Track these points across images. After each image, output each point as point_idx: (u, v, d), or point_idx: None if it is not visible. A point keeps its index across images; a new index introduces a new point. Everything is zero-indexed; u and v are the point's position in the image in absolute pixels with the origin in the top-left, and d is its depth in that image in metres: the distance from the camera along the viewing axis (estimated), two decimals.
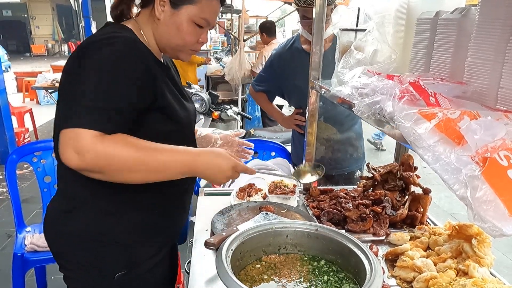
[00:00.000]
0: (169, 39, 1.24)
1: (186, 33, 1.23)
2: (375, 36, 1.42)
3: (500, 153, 0.66)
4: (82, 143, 0.99)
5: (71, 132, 1.00)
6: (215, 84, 6.95)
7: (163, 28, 1.23)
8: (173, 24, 1.21)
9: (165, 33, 1.24)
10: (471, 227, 1.34)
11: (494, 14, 0.93)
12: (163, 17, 1.21)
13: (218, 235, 1.35)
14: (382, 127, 1.00)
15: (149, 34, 1.26)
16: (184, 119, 1.31)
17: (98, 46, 1.09)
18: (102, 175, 1.06)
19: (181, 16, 1.21)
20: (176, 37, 1.24)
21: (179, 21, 1.21)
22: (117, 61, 1.08)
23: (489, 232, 0.61)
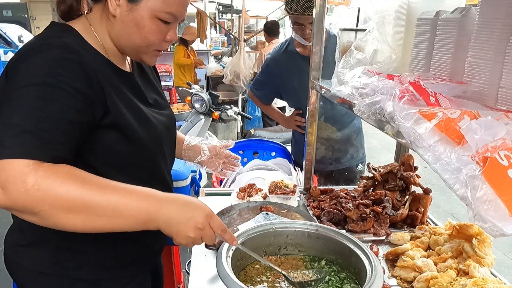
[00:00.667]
0: (129, 39, 1.04)
1: (149, 32, 1.03)
2: (375, 36, 1.42)
3: (501, 153, 0.66)
4: (9, 174, 0.79)
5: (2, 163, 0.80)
6: (215, 84, 6.95)
7: (120, 26, 1.03)
8: (132, 21, 1.01)
9: (123, 32, 1.03)
10: (472, 227, 1.33)
11: (494, 14, 0.93)
12: (119, 13, 1.01)
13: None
14: (382, 127, 1.00)
15: (103, 34, 1.06)
16: (146, 139, 1.09)
17: (25, 58, 0.92)
18: (35, 217, 0.84)
19: (141, 11, 1.00)
20: (137, 36, 1.03)
21: (139, 17, 1.01)
22: (51, 73, 0.89)
23: (489, 232, 0.61)
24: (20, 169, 0.80)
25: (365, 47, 1.47)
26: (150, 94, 1.21)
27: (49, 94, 0.88)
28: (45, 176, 0.82)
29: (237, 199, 1.83)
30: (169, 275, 2.20)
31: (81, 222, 0.87)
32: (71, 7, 1.07)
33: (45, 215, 0.83)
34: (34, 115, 0.85)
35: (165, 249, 1.90)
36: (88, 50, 1.02)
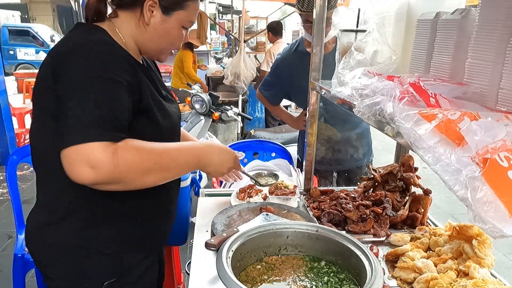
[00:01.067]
0: (158, 43, 1.23)
1: (176, 38, 1.24)
2: (375, 37, 1.42)
3: (501, 154, 0.66)
4: (96, 156, 0.95)
5: (80, 148, 0.95)
6: (216, 85, 6.95)
7: (151, 33, 1.20)
8: (163, 30, 1.20)
9: (153, 38, 1.21)
10: (472, 228, 1.34)
11: (494, 15, 0.93)
12: (153, 22, 1.18)
13: (218, 236, 1.35)
14: (383, 128, 1.00)
15: (127, 35, 1.20)
16: (165, 125, 1.25)
17: (76, 56, 1.04)
18: (119, 185, 1.03)
19: (172, 22, 1.20)
20: (165, 42, 1.23)
21: (170, 27, 1.20)
22: (103, 66, 1.04)
23: (489, 233, 0.62)
24: (105, 150, 0.96)
25: (365, 48, 1.47)
26: (161, 88, 1.34)
27: (108, 85, 1.03)
28: (125, 152, 1.00)
29: (237, 200, 1.84)
30: (169, 276, 2.20)
31: (155, 178, 1.10)
32: (99, 11, 1.20)
33: (129, 181, 1.04)
34: (102, 104, 1.01)
35: (165, 250, 1.90)
36: (119, 46, 1.16)
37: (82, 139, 0.95)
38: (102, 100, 1.01)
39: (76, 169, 0.96)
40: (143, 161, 1.04)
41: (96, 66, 1.03)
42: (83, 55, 1.04)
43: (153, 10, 1.16)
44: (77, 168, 0.95)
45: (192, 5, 1.21)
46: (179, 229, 1.96)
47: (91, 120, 0.98)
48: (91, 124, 0.97)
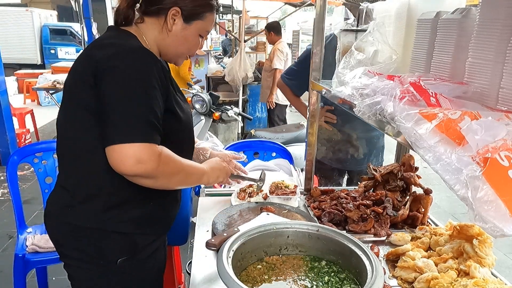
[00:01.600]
0: (177, 48, 1.37)
1: (193, 45, 1.39)
2: (376, 36, 1.42)
3: (501, 154, 0.66)
4: (146, 154, 1.13)
5: (132, 146, 1.12)
6: (216, 84, 6.95)
7: (173, 39, 1.33)
8: (183, 37, 1.34)
9: (174, 43, 1.35)
10: (472, 228, 1.33)
11: (495, 14, 0.93)
12: (175, 29, 1.31)
13: (219, 236, 1.35)
14: (383, 128, 1.00)
15: (151, 40, 1.33)
16: (185, 120, 1.39)
17: (124, 59, 1.17)
18: (152, 181, 1.20)
19: (192, 30, 1.34)
20: (183, 47, 1.38)
21: (189, 34, 1.34)
22: (146, 71, 1.18)
23: (490, 232, 0.62)
24: (153, 150, 1.15)
25: (365, 48, 1.47)
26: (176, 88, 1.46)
27: (150, 90, 1.17)
28: (165, 156, 1.19)
29: (238, 200, 1.84)
30: (169, 276, 2.21)
31: (179, 181, 1.30)
32: (127, 16, 1.32)
33: (161, 180, 1.21)
34: (146, 107, 1.16)
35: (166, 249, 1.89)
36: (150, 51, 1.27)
37: (133, 139, 1.13)
38: (146, 104, 1.16)
39: (126, 162, 1.12)
40: (174, 167, 1.25)
41: (139, 71, 1.17)
42: (128, 60, 1.17)
43: (175, 18, 1.30)
44: (128, 162, 1.12)
45: (209, 16, 1.36)
46: (180, 229, 1.96)
47: (139, 122, 1.14)
48: (140, 125, 1.14)
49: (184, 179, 1.32)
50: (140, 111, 1.15)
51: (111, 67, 1.16)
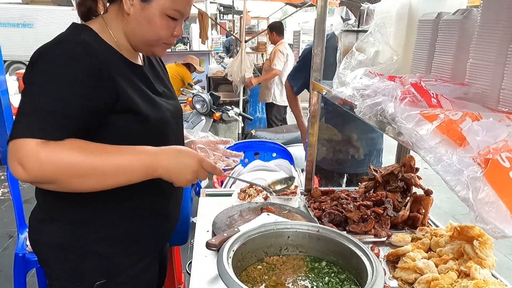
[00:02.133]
0: (142, 34, 1.17)
1: (159, 27, 1.15)
2: (377, 37, 1.42)
3: (502, 155, 0.66)
4: (24, 153, 0.93)
5: (14, 143, 0.94)
6: (217, 85, 6.95)
7: (134, 24, 1.15)
8: (144, 19, 1.14)
9: (137, 29, 1.16)
10: (473, 229, 1.33)
11: (496, 15, 0.93)
12: (133, 11, 1.13)
13: (219, 236, 1.35)
14: (384, 128, 1.00)
15: (117, 31, 1.18)
16: (155, 120, 1.20)
17: (44, 53, 1.04)
18: (54, 185, 1.00)
19: (152, 10, 1.13)
20: (149, 32, 1.16)
21: (150, 15, 1.13)
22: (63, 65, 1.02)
23: (491, 233, 0.61)
24: (33, 148, 0.94)
25: (366, 48, 1.47)
26: (158, 85, 1.33)
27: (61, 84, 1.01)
28: (53, 151, 0.96)
29: (238, 200, 1.84)
30: (169, 276, 2.21)
31: (93, 184, 1.04)
32: (89, 8, 1.21)
33: (63, 183, 1.00)
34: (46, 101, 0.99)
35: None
36: (102, 46, 1.14)
37: (18, 134, 0.95)
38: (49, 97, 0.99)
39: (10, 165, 0.95)
40: (76, 163, 0.99)
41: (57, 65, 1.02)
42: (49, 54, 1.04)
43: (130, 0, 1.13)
44: (11, 165, 0.95)
45: None
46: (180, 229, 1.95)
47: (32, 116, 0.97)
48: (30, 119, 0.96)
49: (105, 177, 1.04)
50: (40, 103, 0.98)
51: (35, 62, 1.04)
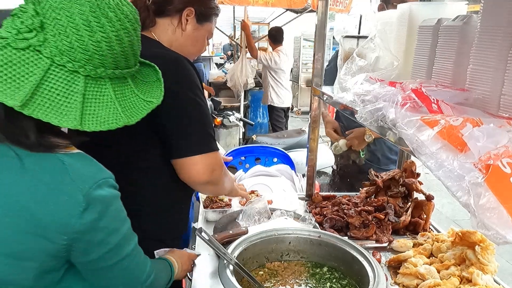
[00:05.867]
0: (188, 49, 1.39)
1: (202, 45, 1.45)
2: (377, 43, 1.42)
3: (503, 160, 0.66)
4: (218, 162, 1.27)
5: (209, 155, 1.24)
6: (218, 90, 6.97)
7: (185, 39, 1.37)
8: (195, 37, 1.39)
9: (186, 43, 1.38)
10: (475, 234, 1.33)
11: (496, 21, 0.93)
12: (188, 29, 1.36)
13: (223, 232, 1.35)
14: (385, 134, 1.00)
15: (166, 43, 1.34)
16: None
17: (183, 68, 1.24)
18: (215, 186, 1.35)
19: (202, 31, 1.40)
20: (194, 48, 1.43)
21: (200, 35, 1.40)
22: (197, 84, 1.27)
23: (492, 239, 0.61)
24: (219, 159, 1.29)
25: (367, 54, 1.48)
26: None
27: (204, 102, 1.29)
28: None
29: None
30: None
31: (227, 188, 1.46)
32: (143, 22, 1.28)
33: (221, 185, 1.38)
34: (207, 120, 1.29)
35: None
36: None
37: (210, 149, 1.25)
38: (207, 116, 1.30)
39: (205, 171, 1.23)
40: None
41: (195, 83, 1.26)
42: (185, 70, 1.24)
43: (189, 19, 1.35)
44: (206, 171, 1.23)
45: (215, 19, 1.45)
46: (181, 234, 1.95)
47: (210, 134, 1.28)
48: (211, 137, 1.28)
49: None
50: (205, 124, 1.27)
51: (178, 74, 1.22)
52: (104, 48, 0.81)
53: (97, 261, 0.89)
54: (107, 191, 0.86)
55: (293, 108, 9.53)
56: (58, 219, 0.79)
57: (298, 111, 10.24)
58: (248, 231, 1.36)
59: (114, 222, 0.89)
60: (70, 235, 0.81)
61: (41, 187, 0.79)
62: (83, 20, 0.78)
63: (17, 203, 0.78)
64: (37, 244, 0.80)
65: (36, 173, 0.80)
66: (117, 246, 0.91)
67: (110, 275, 0.94)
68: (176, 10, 1.33)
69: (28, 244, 0.79)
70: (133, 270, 0.98)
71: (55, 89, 0.77)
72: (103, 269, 0.92)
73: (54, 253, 0.82)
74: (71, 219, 0.80)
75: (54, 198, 0.79)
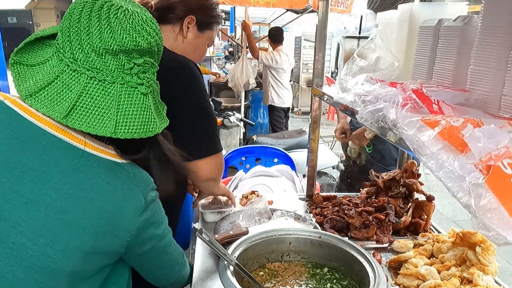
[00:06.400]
0: (189, 55, 1.40)
1: (202, 51, 1.49)
2: (378, 43, 1.42)
3: (504, 161, 0.66)
4: (222, 161, 1.37)
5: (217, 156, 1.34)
6: (218, 90, 6.97)
7: (186, 46, 1.42)
8: (196, 44, 1.44)
9: (187, 50, 1.41)
10: (475, 235, 1.33)
11: (496, 22, 0.93)
12: (189, 36, 1.41)
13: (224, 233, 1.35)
14: (385, 134, 1.00)
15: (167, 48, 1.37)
16: None
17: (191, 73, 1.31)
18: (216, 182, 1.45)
19: (203, 39, 1.45)
20: (195, 55, 1.45)
21: (200, 42, 1.45)
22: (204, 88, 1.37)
23: (493, 240, 0.61)
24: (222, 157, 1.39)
25: (367, 55, 1.48)
26: None
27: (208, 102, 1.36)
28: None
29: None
30: None
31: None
32: None
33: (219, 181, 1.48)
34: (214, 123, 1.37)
35: None
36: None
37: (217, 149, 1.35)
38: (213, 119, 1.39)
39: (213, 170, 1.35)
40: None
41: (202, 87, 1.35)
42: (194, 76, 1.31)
43: (190, 26, 1.40)
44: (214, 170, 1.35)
45: (216, 27, 1.49)
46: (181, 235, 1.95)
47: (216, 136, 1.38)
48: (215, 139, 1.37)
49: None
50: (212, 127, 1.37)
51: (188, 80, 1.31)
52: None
53: (149, 251, 1.01)
54: (155, 192, 1.00)
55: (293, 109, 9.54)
56: (127, 219, 0.91)
57: (298, 112, 10.24)
58: (248, 231, 1.36)
59: (160, 216, 1.03)
60: (133, 231, 0.93)
61: (117, 192, 0.90)
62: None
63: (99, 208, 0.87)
64: (109, 241, 0.90)
65: (110, 179, 0.90)
66: (162, 236, 1.05)
67: (157, 260, 1.08)
68: (177, 18, 1.37)
69: (103, 242, 0.89)
70: (172, 254, 1.12)
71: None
72: (153, 257, 1.05)
73: (116, 249, 0.93)
74: (135, 218, 0.92)
75: (126, 201, 0.91)
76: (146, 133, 0.89)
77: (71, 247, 0.84)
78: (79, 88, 0.83)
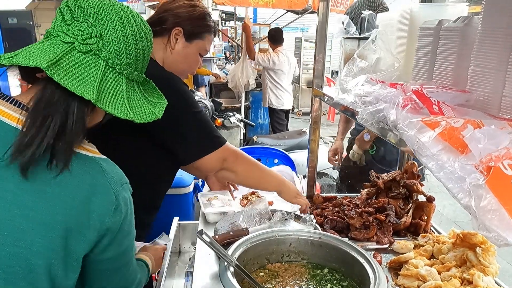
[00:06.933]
0: (178, 66, 1.49)
1: (193, 62, 1.53)
2: (378, 44, 1.42)
3: (504, 162, 0.66)
4: (228, 152, 1.47)
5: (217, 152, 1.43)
6: (218, 91, 6.97)
7: (175, 57, 1.47)
8: (185, 54, 1.48)
9: (176, 61, 1.47)
10: (476, 236, 1.33)
11: (497, 23, 0.93)
12: (177, 47, 1.45)
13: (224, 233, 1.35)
14: (386, 135, 1.00)
15: (158, 59, 1.45)
16: None
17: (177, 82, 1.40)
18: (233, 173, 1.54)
19: (192, 49, 1.48)
20: (185, 65, 1.51)
21: (190, 52, 1.48)
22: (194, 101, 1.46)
23: (494, 241, 0.61)
24: (228, 149, 1.48)
25: (368, 55, 1.48)
26: None
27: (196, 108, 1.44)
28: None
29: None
30: None
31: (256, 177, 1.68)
32: None
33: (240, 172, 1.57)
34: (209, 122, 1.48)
35: None
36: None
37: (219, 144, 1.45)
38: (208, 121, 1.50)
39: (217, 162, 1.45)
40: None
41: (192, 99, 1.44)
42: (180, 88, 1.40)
43: (178, 38, 1.44)
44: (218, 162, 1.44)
45: (208, 37, 1.51)
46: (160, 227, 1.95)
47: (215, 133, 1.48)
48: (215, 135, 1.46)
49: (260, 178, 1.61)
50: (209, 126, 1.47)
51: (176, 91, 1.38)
52: (140, 55, 0.95)
53: (108, 261, 0.96)
54: (128, 194, 0.95)
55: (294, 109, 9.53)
56: (96, 216, 0.87)
57: (299, 112, 10.24)
58: (248, 232, 1.36)
59: (130, 224, 0.97)
60: (101, 231, 0.89)
61: (85, 187, 0.86)
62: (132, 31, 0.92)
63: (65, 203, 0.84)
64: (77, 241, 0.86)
65: (79, 174, 0.86)
66: (127, 250, 0.99)
67: (114, 277, 1.01)
68: (166, 30, 1.44)
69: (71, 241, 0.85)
70: (130, 275, 1.07)
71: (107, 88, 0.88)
72: (109, 270, 0.99)
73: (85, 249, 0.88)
74: (105, 217, 0.88)
75: (94, 196, 0.87)
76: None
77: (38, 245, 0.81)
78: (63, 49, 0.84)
